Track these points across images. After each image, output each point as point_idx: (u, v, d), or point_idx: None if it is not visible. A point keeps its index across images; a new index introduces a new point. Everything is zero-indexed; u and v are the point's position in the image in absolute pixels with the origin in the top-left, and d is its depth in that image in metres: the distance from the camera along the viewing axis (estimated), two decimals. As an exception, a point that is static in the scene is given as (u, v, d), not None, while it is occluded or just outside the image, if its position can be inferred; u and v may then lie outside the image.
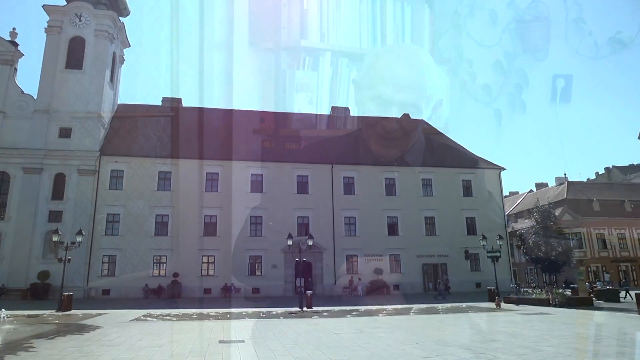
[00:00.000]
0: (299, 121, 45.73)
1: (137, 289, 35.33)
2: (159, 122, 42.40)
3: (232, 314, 21.30)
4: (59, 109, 37.87)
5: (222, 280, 36.54)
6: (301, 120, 45.96)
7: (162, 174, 38.15)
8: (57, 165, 36.64)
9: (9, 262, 34.37)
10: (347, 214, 40.13)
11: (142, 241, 36.45)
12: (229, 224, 37.83)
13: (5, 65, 38.52)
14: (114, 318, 19.30)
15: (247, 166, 39.37)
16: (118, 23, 42.42)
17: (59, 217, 35.78)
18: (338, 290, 37.97)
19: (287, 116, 46.60)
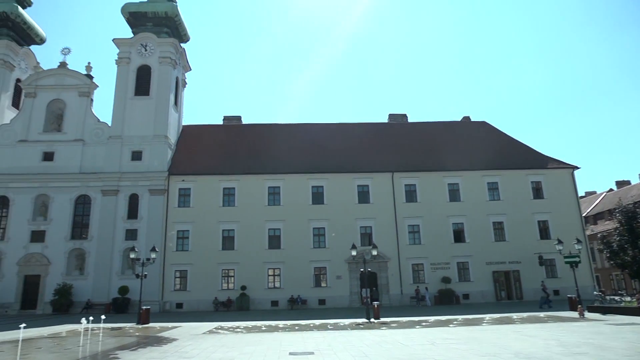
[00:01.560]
0: (357, 131, 45.70)
1: (207, 302, 36.59)
2: (221, 140, 44.09)
3: (300, 326, 21.42)
4: (130, 133, 40.45)
5: (289, 292, 36.97)
6: (359, 130, 45.91)
7: (226, 190, 39.48)
8: (130, 187, 39.02)
9: (93, 279, 36.92)
10: (410, 222, 39.34)
11: (210, 256, 37.78)
12: (292, 237, 38.37)
13: (83, 96, 41.81)
14: (188, 330, 20.04)
15: (307, 178, 39.82)
16: (179, 49, 44.79)
17: (134, 235, 37.99)
18: (405, 300, 37.18)
19: (345, 126, 46.73)
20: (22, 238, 37.87)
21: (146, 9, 44.04)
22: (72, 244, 37.98)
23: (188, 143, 43.75)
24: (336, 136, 44.68)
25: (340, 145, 43.36)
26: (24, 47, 46.00)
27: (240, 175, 39.69)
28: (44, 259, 37.48)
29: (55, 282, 36.54)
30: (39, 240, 37.92)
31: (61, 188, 38.93)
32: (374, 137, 44.87)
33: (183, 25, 46.60)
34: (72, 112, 41.30)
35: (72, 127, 40.84)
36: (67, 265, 37.48)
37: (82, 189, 39.06)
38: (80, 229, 38.69)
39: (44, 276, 37.24)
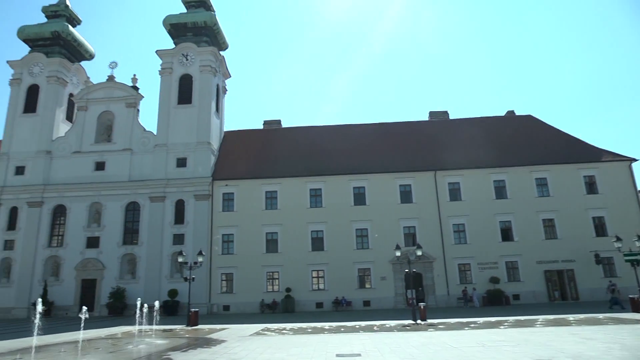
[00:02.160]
0: (397, 129, 45.19)
1: (253, 304, 37.17)
2: (262, 145, 44.75)
3: (346, 328, 21.33)
4: (175, 141, 41.76)
5: (333, 293, 36.98)
6: (399, 128, 45.38)
7: (268, 194, 40.00)
8: (176, 193, 40.25)
9: (144, 282, 38.34)
10: (455, 221, 38.44)
11: (254, 259, 38.36)
12: (335, 238, 38.39)
13: (130, 107, 43.58)
14: (235, 332, 20.39)
15: (348, 180, 39.74)
16: (219, 57, 45.86)
17: (181, 239, 39.14)
18: (452, 302, 36.34)
19: (384, 126, 46.31)
20: (79, 244, 39.87)
21: (186, 20, 45.38)
22: (124, 249, 39.62)
23: (230, 148, 44.68)
24: (376, 136, 44.34)
25: (380, 145, 43.01)
26: (75, 63, 48.46)
27: (281, 179, 40.11)
28: (99, 263, 39.28)
29: (109, 285, 38.23)
30: (94, 246, 39.82)
31: (112, 196, 40.72)
32: (414, 135, 44.21)
33: (221, 34, 47.70)
34: (121, 123, 43.15)
35: (121, 137, 42.65)
36: (120, 269, 39.13)
37: (131, 196, 40.68)
38: (131, 235, 40.29)
39: (99, 280, 39.05)
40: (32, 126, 43.64)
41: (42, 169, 41.96)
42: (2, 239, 40.63)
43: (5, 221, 41.07)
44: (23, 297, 38.80)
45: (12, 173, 42.17)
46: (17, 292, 39.05)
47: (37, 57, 45.65)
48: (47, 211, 41.07)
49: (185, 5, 47.50)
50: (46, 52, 46.12)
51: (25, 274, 39.42)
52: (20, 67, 45.56)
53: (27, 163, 42.35)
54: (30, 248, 40.00)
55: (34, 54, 45.83)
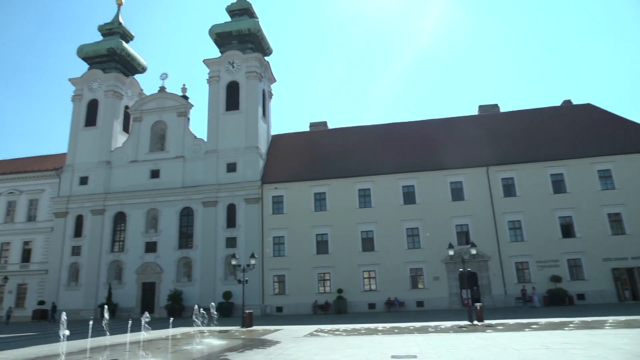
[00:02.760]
0: (445, 126, 44.11)
1: (306, 306, 37.41)
2: (309, 147, 45.04)
3: (400, 329, 20.99)
4: (224, 147, 42.85)
5: (385, 294, 36.57)
6: (447, 125, 44.28)
7: (317, 195, 40.18)
8: (228, 197, 41.27)
9: (199, 285, 39.57)
10: (510, 218, 36.97)
11: (305, 260, 38.62)
12: (385, 238, 37.98)
13: (181, 116, 45.20)
14: (289, 333, 20.56)
15: (397, 179, 39.20)
16: (264, 62, 46.64)
17: (233, 242, 40.08)
18: (510, 301, 34.95)
19: (432, 122, 45.34)
20: (138, 249, 41.78)
21: (231, 29, 46.50)
22: (179, 253, 41.09)
23: (278, 152, 45.30)
24: (424, 133, 43.47)
25: (428, 142, 42.11)
26: (129, 77, 50.92)
27: (330, 180, 40.18)
28: (157, 267, 40.95)
29: (167, 288, 39.77)
30: (152, 250, 41.59)
31: (167, 202, 42.35)
32: (463, 131, 42.91)
33: (265, 40, 48.49)
34: (173, 132, 44.83)
35: (174, 146, 44.30)
36: (176, 272, 40.62)
37: (185, 202, 42.14)
38: (186, 239, 41.73)
39: (158, 283, 40.72)
40: (93, 138, 46.23)
41: (103, 178, 44.35)
42: (70, 245, 43.29)
43: (72, 228, 43.74)
44: (90, 299, 41.16)
45: (77, 183, 44.86)
46: (85, 295, 41.48)
47: (95, 73, 48.35)
48: (108, 218, 43.34)
49: (230, 14, 48.70)
50: (103, 68, 48.75)
51: (91, 277, 41.79)
52: (81, 83, 48.43)
53: (90, 173, 44.91)
54: (95, 253, 42.37)
55: (93, 71, 48.55)
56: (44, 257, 44.12)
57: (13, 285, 43.38)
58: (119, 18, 52.31)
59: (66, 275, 42.63)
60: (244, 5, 48.45)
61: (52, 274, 42.78)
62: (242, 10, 48.36)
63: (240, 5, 48.49)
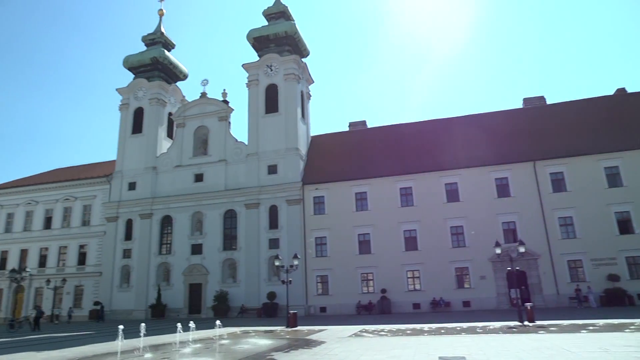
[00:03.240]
0: (487, 120, 42.80)
1: (349, 306, 37.28)
2: (348, 146, 44.90)
3: (447, 329, 20.51)
4: (265, 149, 43.41)
5: (430, 294, 35.91)
6: (489, 119, 42.95)
7: (358, 195, 39.97)
8: (269, 199, 41.77)
9: (244, 286, 40.26)
10: (560, 214, 35.39)
11: (348, 260, 38.50)
12: (428, 237, 37.31)
13: (222, 121, 46.17)
14: (334, 334, 20.52)
15: (439, 176, 38.42)
16: (301, 64, 46.90)
17: (276, 243, 40.51)
18: (562, 301, 33.45)
19: (473, 117, 44.13)
20: (185, 251, 43.01)
21: (268, 32, 47.05)
22: (224, 254, 41.96)
23: (317, 152, 45.43)
24: (466, 128, 42.31)
25: (471, 137, 40.95)
26: (172, 84, 52.55)
27: (370, 179, 39.88)
28: (203, 268, 42.00)
29: (213, 289, 40.70)
30: (197, 252, 42.71)
31: (211, 205, 43.36)
32: (507, 125, 41.47)
33: (302, 41, 48.75)
34: (215, 136, 45.87)
35: (216, 150, 45.32)
36: (222, 273, 41.50)
37: (228, 204, 42.99)
38: (230, 241, 42.57)
39: (204, 284, 41.75)
40: (140, 145, 48.02)
41: (150, 183, 45.98)
42: (121, 248, 45.14)
43: (122, 232, 45.60)
44: (141, 300, 42.74)
45: (125, 189, 46.74)
46: (136, 296, 43.12)
47: (140, 82, 50.21)
48: (156, 222, 44.87)
49: (266, 18, 49.31)
50: (147, 77, 50.55)
51: (141, 279, 43.39)
52: (127, 93, 50.42)
53: (138, 179, 46.67)
54: (144, 256, 43.97)
55: (138, 80, 50.44)
56: (98, 260, 46.23)
57: (71, 286, 45.70)
58: (161, 28, 54.09)
59: (118, 277, 44.48)
60: (280, 8, 48.94)
61: (105, 276, 44.77)
62: (279, 13, 48.85)
63: (276, 8, 49.01)
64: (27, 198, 50.94)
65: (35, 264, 48.04)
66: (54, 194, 49.97)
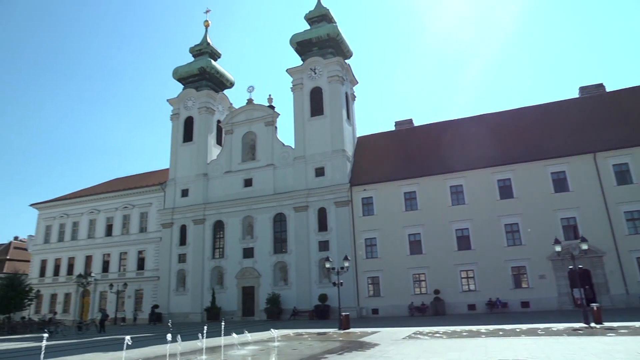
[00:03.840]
0: (541, 112, 40.94)
1: (402, 307, 36.72)
2: (395, 146, 44.35)
3: (505, 331, 19.71)
4: (312, 152, 43.64)
5: (486, 294, 34.72)
6: (543, 111, 41.07)
7: (407, 195, 39.33)
8: (318, 201, 41.92)
9: (296, 288, 40.59)
10: (627, 209, 33.18)
11: (399, 261, 37.93)
12: (482, 236, 36.11)
13: (269, 126, 46.88)
14: (387, 336, 20.23)
15: (491, 172, 37.12)
16: (344, 66, 46.80)
17: (326, 246, 40.56)
18: (633, 302, 31.28)
19: (525, 110, 42.35)
20: (237, 255, 43.96)
21: (310, 36, 47.32)
22: (275, 257, 42.51)
23: (364, 153, 45.14)
24: (518, 122, 40.74)
25: (524, 131, 39.39)
26: (219, 92, 53.98)
27: (419, 178, 39.13)
28: (255, 272, 42.74)
29: (266, 292, 41.30)
30: (249, 256, 43.53)
31: (261, 209, 44.08)
32: (563, 116, 39.50)
33: (345, 43, 48.67)
34: (262, 141, 46.64)
35: (264, 154, 46.08)
36: (273, 276, 42.05)
37: (277, 208, 43.55)
38: (280, 244, 43.09)
39: (256, 287, 42.48)
40: (191, 153, 49.65)
41: (202, 189, 47.40)
42: (177, 253, 46.78)
43: (177, 237, 47.27)
44: (196, 303, 44.08)
45: (179, 196, 48.45)
46: (192, 299, 44.52)
47: (189, 92, 51.93)
48: (208, 227, 46.17)
49: (308, 22, 49.65)
50: (196, 86, 52.22)
51: (196, 283, 44.76)
52: (177, 103, 52.30)
53: (190, 186, 48.26)
54: (198, 260, 45.35)
55: (187, 90, 52.19)
56: (155, 265, 48.16)
57: (131, 290, 47.86)
58: (207, 38, 55.72)
59: (175, 281, 46.11)
60: (322, 11, 49.12)
61: (162, 280, 46.55)
62: (320, 16, 49.05)
63: (318, 12, 49.25)
64: (90, 207, 53.94)
65: (99, 270, 50.75)
66: (114, 202, 52.63)
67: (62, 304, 51.73)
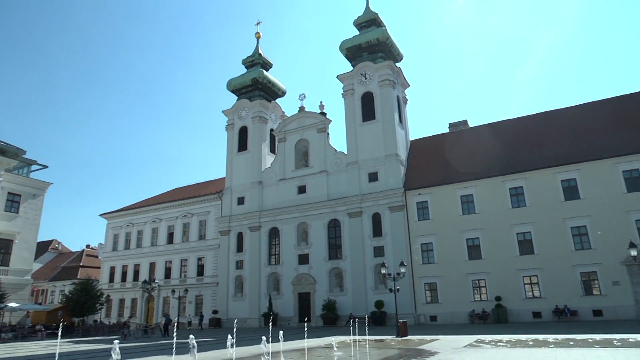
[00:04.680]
0: (608, 108, 38.42)
1: (461, 314, 35.55)
2: (450, 148, 43.22)
3: (576, 341, 18.51)
4: (364, 157, 43.43)
5: (552, 302, 32.89)
6: (610, 106, 38.52)
7: (464, 198, 38.17)
8: (372, 207, 41.59)
9: (351, 294, 40.39)
10: None
11: (457, 266, 36.81)
12: (546, 239, 34.32)
13: (321, 132, 47.22)
14: (447, 344, 19.61)
15: (554, 173, 35.24)
16: (395, 69, 46.31)
17: (381, 251, 40.11)
18: None
19: (592, 106, 39.93)
20: (292, 261, 44.44)
21: (360, 41, 47.24)
22: (330, 263, 42.55)
23: (418, 157, 44.35)
24: (582, 119, 38.50)
25: (589, 128, 37.13)
26: (272, 101, 55.08)
27: (476, 181, 37.88)
28: (311, 278, 42.97)
29: (321, 298, 41.41)
30: (304, 262, 43.87)
31: (315, 215, 44.36)
32: (630, 111, 36.82)
33: (395, 46, 48.18)
34: (314, 148, 47.03)
35: (316, 161, 46.42)
36: (329, 283, 42.09)
37: (331, 214, 43.64)
38: (335, 250, 43.10)
39: (312, 293, 42.68)
40: (246, 162, 50.93)
41: (257, 197, 48.44)
42: (234, 260, 48.01)
43: (234, 244, 48.53)
44: (254, 309, 44.94)
45: (235, 204, 49.78)
46: (249, 305, 45.45)
47: (243, 103, 53.39)
48: (264, 234, 47.05)
49: (357, 27, 49.63)
50: (249, 97, 53.61)
51: (253, 288, 45.67)
52: (232, 114, 53.91)
53: (246, 194, 49.46)
54: (255, 266, 46.28)
55: (241, 101, 53.69)
56: (214, 271, 49.65)
57: (192, 296, 49.60)
58: (259, 50, 57.08)
59: (233, 287, 47.29)
60: (371, 16, 48.96)
61: (221, 286, 47.88)
62: (370, 21, 48.89)
63: (366, 17, 49.14)
64: (153, 216, 56.60)
65: (162, 276, 53.02)
66: (174, 211, 54.90)
67: (129, 308, 54.47)
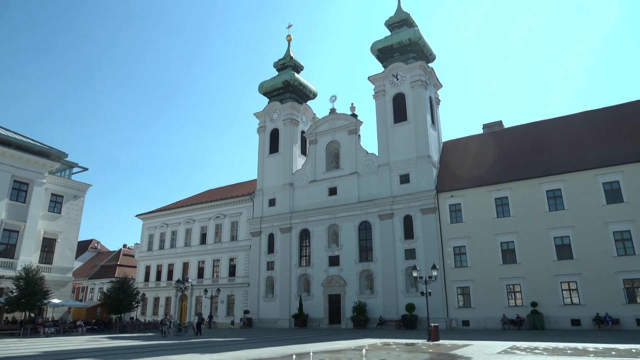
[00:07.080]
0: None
1: (494, 320, 34.71)
2: (484, 149, 42.32)
3: (618, 351, 17.71)
4: (396, 159, 43.01)
5: (592, 309, 31.65)
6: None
7: (498, 200, 37.28)
8: (403, 209, 41.15)
9: (382, 297, 40.05)
10: None
11: (491, 271, 35.95)
12: (586, 244, 33.07)
13: (352, 134, 47.10)
14: (480, 349, 19.15)
15: (595, 175, 33.93)
16: (427, 69, 45.70)
17: (412, 254, 39.60)
18: None
19: (633, 106, 38.26)
20: (322, 263, 44.46)
21: (391, 42, 46.85)
22: (360, 266, 42.34)
23: (450, 158, 43.61)
24: (622, 120, 36.92)
25: (631, 129, 35.55)
26: (303, 104, 55.34)
27: (511, 183, 36.93)
28: (341, 280, 42.87)
29: (352, 300, 41.23)
30: (335, 264, 43.81)
31: (346, 217, 44.25)
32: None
33: (427, 46, 47.57)
34: (345, 150, 46.95)
35: (347, 163, 46.33)
36: (359, 285, 41.87)
37: (362, 216, 43.43)
38: (365, 252, 42.85)
39: (342, 295, 42.56)
40: (277, 164, 51.35)
41: (288, 199, 48.73)
42: (265, 261, 48.44)
43: (265, 245, 48.97)
44: (284, 310, 45.17)
45: (266, 205, 50.25)
46: (280, 306, 45.72)
47: (274, 105, 53.88)
48: (295, 235, 47.27)
49: (389, 28, 49.30)
50: (280, 99, 54.05)
51: (284, 289, 45.93)
52: (263, 116, 54.47)
53: (277, 195, 49.85)
54: (285, 267, 46.54)
55: (272, 104, 54.20)
56: (245, 272, 50.23)
57: (224, 296, 50.35)
58: (290, 52, 57.48)
59: (264, 288, 47.70)
60: (402, 16, 48.54)
61: (252, 287, 48.39)
62: (401, 21, 48.49)
63: (398, 17, 48.74)
64: (186, 217, 57.79)
65: (195, 276, 54.03)
66: (207, 212, 55.89)
67: (163, 307, 55.77)
